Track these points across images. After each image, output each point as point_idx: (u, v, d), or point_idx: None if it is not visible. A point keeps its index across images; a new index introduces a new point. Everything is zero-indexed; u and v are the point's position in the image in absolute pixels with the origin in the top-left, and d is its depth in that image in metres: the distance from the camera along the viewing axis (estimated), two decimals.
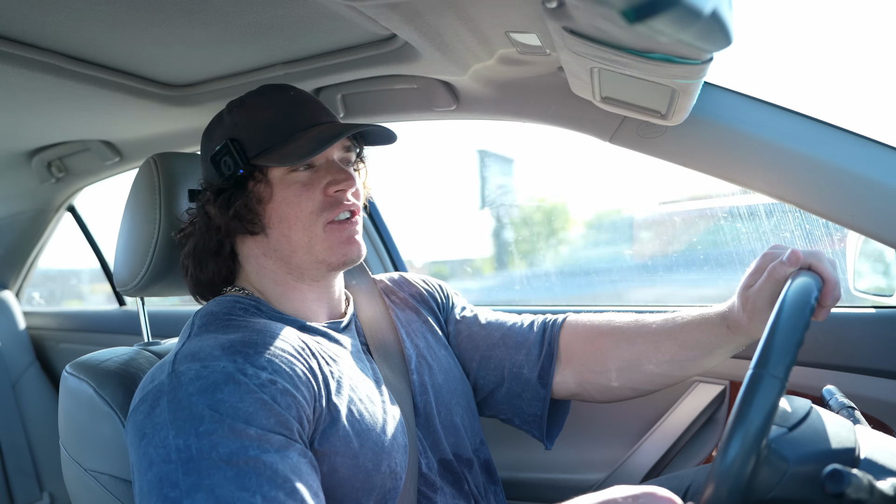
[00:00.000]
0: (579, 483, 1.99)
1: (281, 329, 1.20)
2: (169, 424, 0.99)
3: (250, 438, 0.98)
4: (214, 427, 0.98)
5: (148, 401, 1.05)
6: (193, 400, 1.01)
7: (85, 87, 1.70)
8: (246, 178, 1.29)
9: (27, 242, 3.29)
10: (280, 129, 1.30)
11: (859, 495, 0.78)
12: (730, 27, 0.79)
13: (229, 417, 0.99)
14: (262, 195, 1.29)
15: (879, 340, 1.58)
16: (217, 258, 1.34)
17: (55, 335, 3.46)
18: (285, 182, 1.28)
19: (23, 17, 1.33)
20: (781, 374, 0.88)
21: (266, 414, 1.01)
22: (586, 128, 1.67)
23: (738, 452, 0.84)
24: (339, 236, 1.29)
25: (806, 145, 1.44)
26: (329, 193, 1.29)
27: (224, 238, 1.33)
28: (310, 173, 1.29)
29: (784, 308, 0.97)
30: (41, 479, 3.22)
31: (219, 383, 1.02)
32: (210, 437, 0.96)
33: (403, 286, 1.60)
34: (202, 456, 0.95)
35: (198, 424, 0.98)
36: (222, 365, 1.05)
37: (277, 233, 1.30)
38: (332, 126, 1.31)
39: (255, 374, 1.05)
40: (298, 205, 1.28)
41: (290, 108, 1.33)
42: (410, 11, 1.24)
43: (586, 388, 1.48)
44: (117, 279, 1.53)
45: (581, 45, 1.13)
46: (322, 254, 1.29)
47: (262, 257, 1.33)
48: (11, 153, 2.58)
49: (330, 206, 1.29)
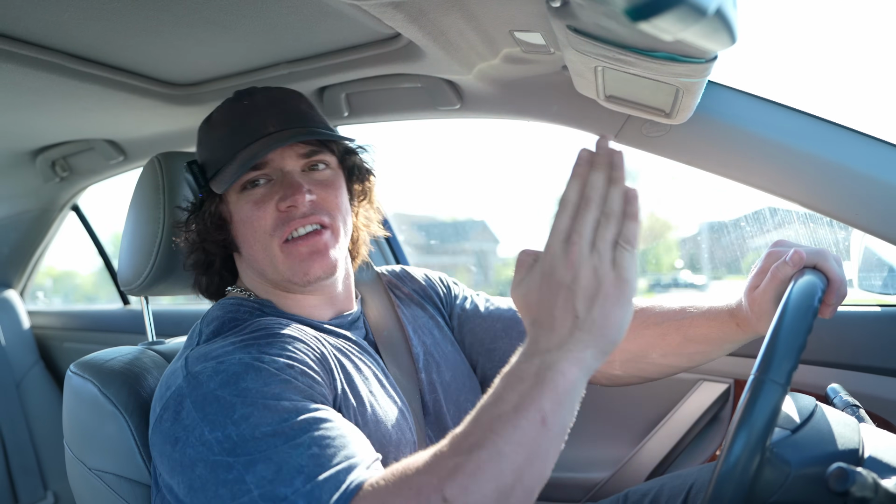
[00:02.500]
0: (583, 481, 1.99)
1: (288, 324, 1.21)
2: (201, 422, 0.98)
3: (286, 410, 0.98)
4: (249, 411, 0.97)
5: (171, 407, 1.04)
6: (218, 394, 1.00)
7: (89, 87, 1.70)
8: (207, 200, 1.29)
9: (31, 242, 3.29)
10: (227, 148, 1.27)
11: (864, 493, 0.78)
12: (734, 26, 0.79)
13: (260, 398, 0.99)
14: (224, 216, 1.29)
15: (884, 339, 1.58)
16: (209, 271, 1.36)
17: (59, 334, 3.46)
18: (240, 202, 1.26)
19: (27, 17, 1.34)
20: (783, 380, 0.88)
21: (292, 391, 1.02)
22: (590, 126, 1.67)
23: (740, 457, 0.84)
24: (297, 255, 1.24)
25: (810, 144, 1.44)
26: (281, 209, 1.24)
27: (209, 255, 1.33)
28: (264, 189, 1.25)
29: (786, 312, 0.97)
30: (45, 478, 3.23)
31: (239, 374, 1.03)
32: (248, 421, 0.96)
33: (407, 280, 1.58)
34: (245, 438, 0.94)
35: (231, 413, 0.97)
36: (238, 357, 1.06)
37: (246, 252, 1.29)
38: (272, 139, 1.25)
39: (271, 360, 1.06)
40: (251, 224, 1.25)
41: (241, 120, 1.28)
42: (415, 10, 1.24)
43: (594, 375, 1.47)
44: (121, 278, 1.53)
45: (585, 43, 1.13)
46: (286, 273, 1.25)
47: (249, 271, 1.34)
48: (16, 152, 2.59)
49: (283, 223, 1.24)
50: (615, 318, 0.86)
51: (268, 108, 1.30)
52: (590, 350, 0.86)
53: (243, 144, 1.25)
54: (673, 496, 1.45)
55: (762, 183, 1.51)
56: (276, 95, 1.33)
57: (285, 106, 1.31)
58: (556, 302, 0.86)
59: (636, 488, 1.55)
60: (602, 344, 0.86)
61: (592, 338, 0.86)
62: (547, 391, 0.83)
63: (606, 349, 0.87)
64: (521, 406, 0.83)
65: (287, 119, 1.29)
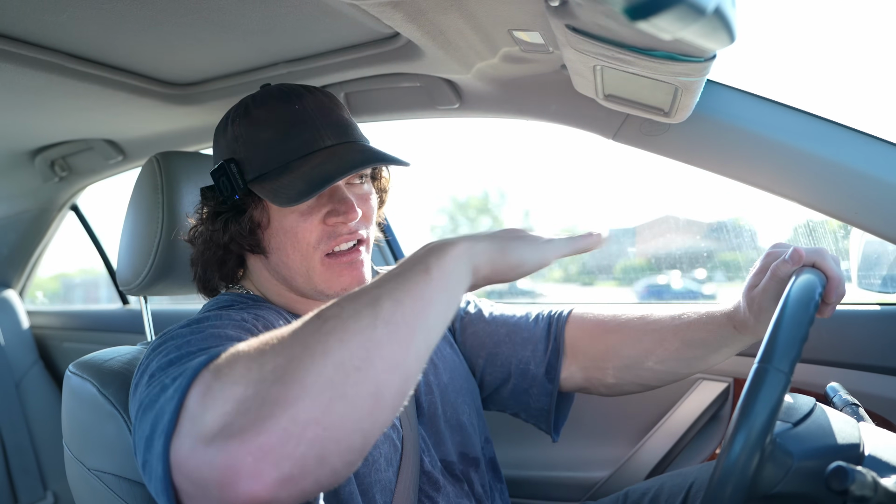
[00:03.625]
0: (583, 480, 1.99)
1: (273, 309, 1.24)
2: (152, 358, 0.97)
3: (229, 337, 0.97)
4: (192, 337, 0.97)
5: (140, 367, 1.01)
6: (174, 333, 1.02)
7: (88, 86, 1.70)
8: (243, 200, 1.25)
9: (30, 242, 3.29)
10: (278, 154, 1.22)
11: (863, 492, 0.78)
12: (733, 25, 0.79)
13: (209, 329, 1.00)
14: (259, 220, 1.26)
15: (883, 337, 1.58)
16: (222, 268, 1.33)
17: (58, 334, 3.46)
18: (283, 211, 1.23)
19: (26, 17, 1.33)
20: (786, 369, 0.88)
21: (246, 334, 1.00)
22: (589, 126, 1.67)
23: (743, 447, 0.84)
24: (338, 269, 1.24)
25: (809, 143, 1.44)
26: (329, 224, 1.23)
27: (226, 254, 1.30)
28: (311, 201, 1.23)
29: (788, 304, 0.97)
30: (45, 478, 3.23)
31: (200, 320, 1.05)
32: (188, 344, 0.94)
33: None
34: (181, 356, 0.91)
35: (178, 341, 0.96)
36: (206, 315, 1.09)
37: (276, 258, 1.27)
38: (332, 154, 1.22)
39: (237, 313, 1.09)
40: (295, 234, 1.23)
41: (291, 128, 1.23)
42: (413, 10, 1.24)
43: (592, 382, 1.47)
44: (120, 278, 1.53)
45: (584, 42, 1.13)
46: (320, 285, 1.25)
47: (265, 271, 1.32)
48: (15, 152, 2.59)
49: (328, 238, 1.23)
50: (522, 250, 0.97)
51: (320, 116, 1.25)
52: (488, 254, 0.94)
53: (298, 155, 1.22)
54: (673, 495, 1.45)
55: (761, 182, 1.51)
56: (323, 101, 1.28)
57: (335, 116, 1.28)
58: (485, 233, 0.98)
59: (636, 487, 1.55)
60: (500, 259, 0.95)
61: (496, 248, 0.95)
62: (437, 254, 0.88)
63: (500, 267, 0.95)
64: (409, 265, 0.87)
65: (340, 132, 1.26)
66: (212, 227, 1.28)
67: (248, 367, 0.74)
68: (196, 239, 1.32)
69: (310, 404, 0.70)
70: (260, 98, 1.28)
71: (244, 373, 0.74)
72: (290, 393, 0.70)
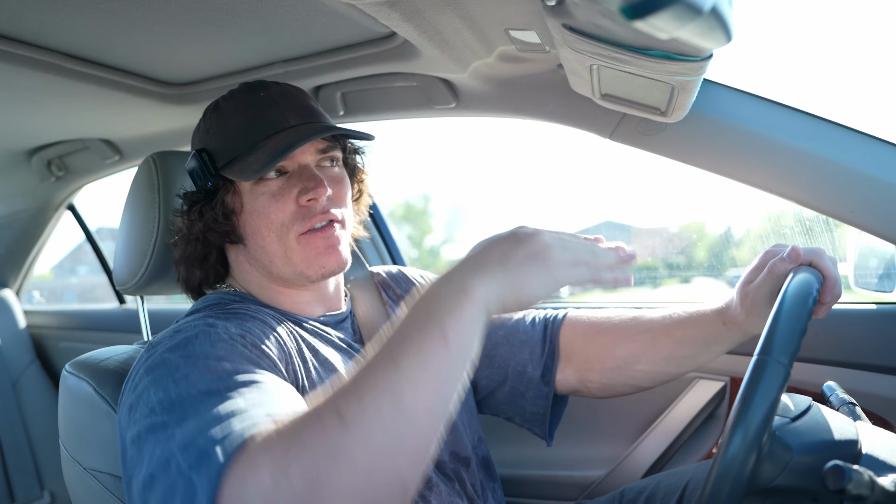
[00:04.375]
0: (580, 479, 2.00)
1: (260, 311, 1.22)
2: (149, 386, 0.96)
3: (227, 371, 0.95)
4: (189, 370, 0.96)
5: (130, 379, 1.03)
6: (166, 356, 1.00)
7: (84, 86, 1.70)
8: (217, 189, 1.27)
9: (27, 241, 3.29)
10: (244, 137, 1.25)
11: (860, 491, 0.79)
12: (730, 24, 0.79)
13: (202, 359, 0.98)
14: (233, 206, 1.27)
15: (880, 337, 1.58)
16: (204, 264, 1.34)
17: (55, 334, 3.46)
18: (254, 193, 1.25)
19: (22, 16, 1.33)
20: (786, 361, 0.88)
21: (238, 356, 1.00)
22: (586, 125, 1.67)
23: (743, 438, 0.84)
24: (314, 247, 1.25)
25: (806, 142, 1.44)
26: (301, 203, 1.24)
27: (206, 247, 1.31)
28: (281, 181, 1.25)
29: (787, 297, 0.98)
30: (42, 477, 3.22)
31: (190, 338, 1.03)
32: (187, 380, 0.94)
33: (401, 282, 1.57)
34: (183, 397, 0.91)
35: (174, 373, 0.96)
36: (193, 324, 1.07)
37: (253, 244, 1.28)
38: (295, 132, 1.25)
39: (224, 328, 1.06)
40: (268, 216, 1.24)
41: (257, 111, 1.27)
42: (410, 9, 1.24)
43: (586, 384, 1.47)
44: (117, 277, 1.53)
45: (580, 42, 1.13)
46: (300, 266, 1.25)
47: (246, 264, 1.32)
48: (11, 152, 2.58)
49: (302, 217, 1.24)
50: (537, 283, 0.90)
51: (284, 101, 1.29)
52: (500, 292, 0.88)
53: (265, 135, 1.25)
54: (669, 493, 1.45)
55: (758, 181, 1.51)
56: (288, 90, 1.33)
57: (300, 101, 1.32)
58: (500, 244, 0.91)
59: (632, 486, 1.55)
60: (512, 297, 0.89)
61: (509, 285, 0.88)
62: (452, 311, 0.84)
63: (511, 305, 0.90)
64: (425, 326, 0.83)
65: (305, 113, 1.30)
66: (188, 220, 1.30)
67: (276, 477, 0.74)
68: (178, 240, 1.34)
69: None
70: (229, 94, 1.33)
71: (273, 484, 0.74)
72: None
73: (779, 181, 1.49)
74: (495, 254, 0.90)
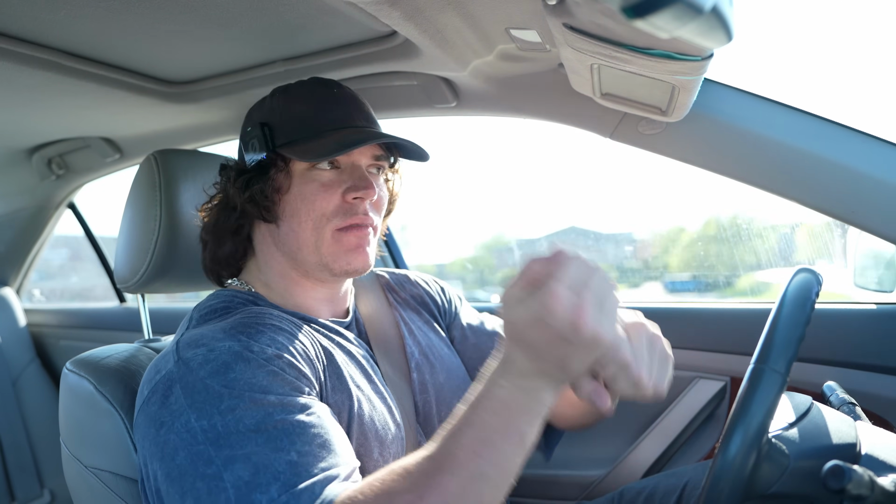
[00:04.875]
0: (580, 479, 2.00)
1: (277, 315, 1.22)
2: (188, 409, 0.98)
3: (272, 405, 0.98)
4: (235, 402, 0.98)
5: (159, 391, 1.04)
6: (207, 382, 1.01)
7: (85, 84, 1.70)
8: (269, 164, 1.29)
9: (27, 239, 3.29)
10: (311, 124, 1.28)
11: (860, 491, 0.79)
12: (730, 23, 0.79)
13: (247, 391, 0.99)
14: (280, 184, 1.28)
15: (880, 337, 1.58)
16: (235, 237, 1.34)
17: (56, 332, 3.46)
18: (305, 177, 1.27)
19: (23, 14, 1.33)
20: (782, 369, 0.88)
21: (280, 383, 1.02)
22: (586, 124, 1.67)
23: (739, 447, 0.84)
24: (346, 244, 1.27)
25: (806, 142, 1.44)
26: (347, 199, 1.26)
27: (241, 219, 1.32)
28: (333, 174, 1.27)
29: (785, 304, 0.97)
30: (42, 475, 3.22)
31: (229, 363, 1.03)
32: (233, 413, 0.96)
33: (406, 285, 1.58)
34: (229, 431, 0.95)
35: (218, 403, 0.98)
36: (227, 345, 1.06)
37: (287, 226, 1.29)
38: (361, 131, 1.29)
39: (260, 350, 1.07)
40: (313, 203, 1.26)
41: (327, 105, 1.31)
42: (410, 8, 1.24)
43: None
44: (118, 276, 1.53)
45: (581, 41, 1.13)
46: (327, 258, 1.27)
47: (272, 246, 1.33)
48: (12, 150, 2.59)
49: (343, 213, 1.26)
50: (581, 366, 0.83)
51: (353, 103, 1.33)
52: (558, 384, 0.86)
53: (332, 127, 1.28)
54: (667, 494, 1.45)
55: (759, 180, 1.51)
56: (356, 95, 1.37)
57: (365, 108, 1.36)
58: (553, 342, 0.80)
59: (631, 486, 1.55)
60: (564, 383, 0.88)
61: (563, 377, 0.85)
62: (526, 415, 0.85)
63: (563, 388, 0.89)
64: (505, 430, 0.84)
65: (369, 119, 1.34)
66: (233, 188, 1.30)
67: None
68: (213, 208, 1.35)
69: None
70: (301, 82, 1.36)
71: None
72: None
73: (779, 181, 1.49)
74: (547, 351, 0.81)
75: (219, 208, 1.34)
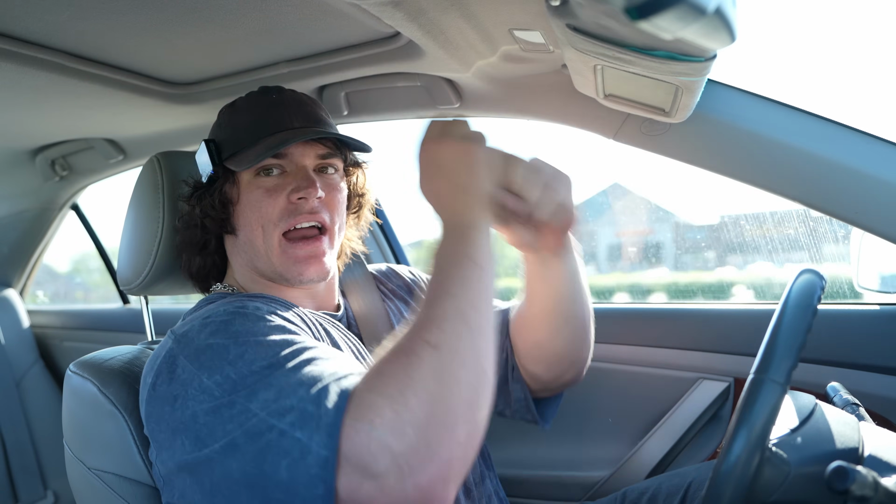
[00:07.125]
0: (583, 480, 1.99)
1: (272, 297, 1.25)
2: (198, 372, 0.98)
3: (277, 343, 0.99)
4: (242, 349, 0.98)
5: (164, 371, 1.04)
6: (210, 342, 1.02)
7: (89, 86, 1.70)
8: (218, 178, 1.32)
9: (31, 241, 3.29)
10: (250, 133, 1.31)
11: (864, 492, 0.78)
12: (733, 24, 0.79)
13: (251, 336, 1.01)
14: (231, 196, 1.32)
15: (884, 337, 1.58)
16: (203, 252, 1.38)
17: (59, 333, 3.46)
18: (251, 186, 1.30)
19: (27, 16, 1.34)
20: (782, 379, 0.87)
21: (279, 330, 1.04)
22: (590, 125, 1.67)
23: (739, 457, 0.84)
24: (294, 254, 1.28)
25: (810, 142, 1.44)
26: (291, 200, 1.28)
27: (205, 234, 1.35)
28: (278, 179, 1.30)
29: (786, 310, 0.96)
30: (45, 477, 3.23)
31: (227, 321, 1.05)
32: (242, 358, 0.97)
33: (392, 277, 1.61)
34: (243, 375, 0.95)
35: (226, 355, 0.98)
36: (223, 309, 1.09)
37: (243, 236, 1.32)
38: (296, 132, 1.30)
39: (254, 307, 1.09)
40: (259, 209, 1.28)
41: (264, 111, 1.33)
42: (414, 9, 1.24)
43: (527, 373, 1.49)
44: (121, 278, 1.53)
45: (585, 42, 1.13)
46: (279, 268, 1.29)
47: (238, 256, 1.36)
48: (15, 151, 2.59)
49: (289, 215, 1.28)
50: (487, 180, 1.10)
51: (294, 105, 1.35)
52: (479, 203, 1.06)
53: (268, 132, 1.30)
54: (671, 494, 1.45)
55: (762, 181, 1.51)
56: (300, 97, 1.38)
57: (309, 108, 1.37)
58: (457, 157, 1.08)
59: (634, 487, 1.55)
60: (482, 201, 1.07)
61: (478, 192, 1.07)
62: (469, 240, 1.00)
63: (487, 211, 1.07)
64: (458, 261, 0.98)
65: (311, 119, 1.35)
66: (189, 205, 1.35)
67: (398, 411, 0.84)
68: (180, 224, 1.39)
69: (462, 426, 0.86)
70: (246, 95, 1.40)
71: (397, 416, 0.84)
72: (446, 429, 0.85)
73: (783, 182, 1.48)
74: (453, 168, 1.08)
75: (183, 226, 1.38)
